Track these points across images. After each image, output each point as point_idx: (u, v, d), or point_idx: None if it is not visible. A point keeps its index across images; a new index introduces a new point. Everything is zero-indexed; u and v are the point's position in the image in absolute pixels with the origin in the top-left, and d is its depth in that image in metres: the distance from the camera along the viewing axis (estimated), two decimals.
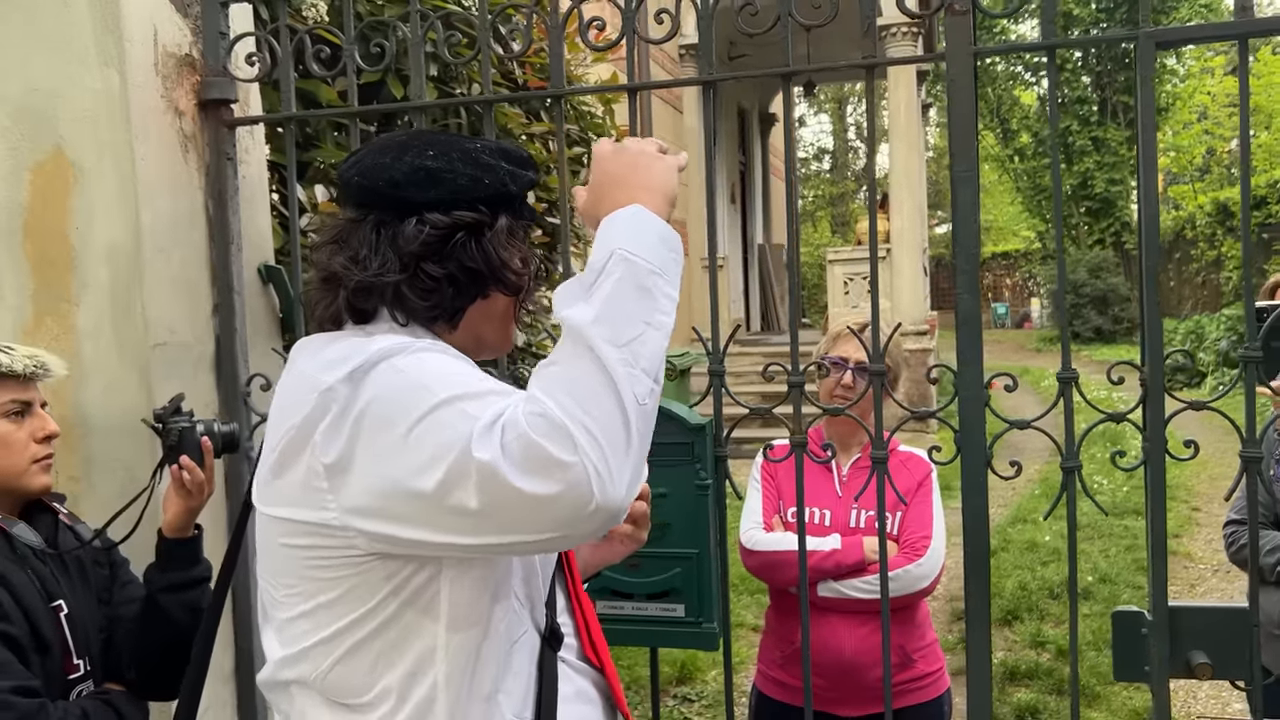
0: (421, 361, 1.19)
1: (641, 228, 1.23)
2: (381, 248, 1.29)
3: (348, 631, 1.22)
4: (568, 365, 1.13)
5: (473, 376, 1.19)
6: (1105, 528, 6.95)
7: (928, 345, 11.32)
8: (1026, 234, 28.01)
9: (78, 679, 1.67)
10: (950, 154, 1.91)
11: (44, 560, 1.68)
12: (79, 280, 2.10)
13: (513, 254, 1.33)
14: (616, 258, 1.19)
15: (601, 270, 1.18)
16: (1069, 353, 1.89)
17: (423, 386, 1.15)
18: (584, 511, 1.08)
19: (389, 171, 1.30)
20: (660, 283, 1.20)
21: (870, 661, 2.40)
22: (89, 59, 2.06)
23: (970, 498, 1.93)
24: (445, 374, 1.18)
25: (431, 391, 1.14)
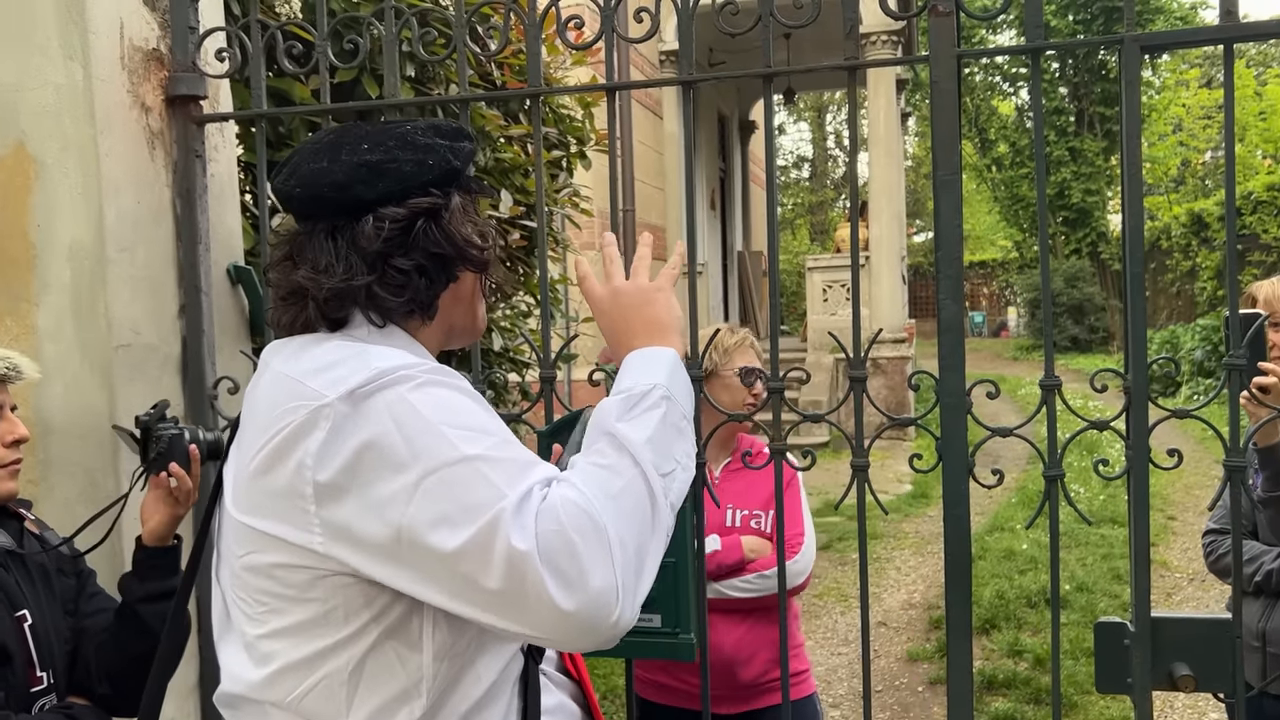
0: (435, 399, 1.14)
1: (676, 372, 1.31)
2: (343, 252, 1.25)
3: (324, 657, 1.17)
4: (615, 473, 1.14)
5: (491, 427, 1.15)
6: (1082, 536, 6.96)
7: (906, 353, 11.34)
8: (1004, 243, 28.20)
9: (40, 692, 1.61)
10: (933, 158, 1.88)
11: (8, 568, 1.62)
12: (40, 279, 2.04)
13: (471, 229, 1.30)
14: (660, 393, 1.24)
15: (644, 397, 1.23)
16: (1052, 360, 1.87)
17: (440, 434, 1.11)
18: (598, 628, 1.07)
19: (329, 175, 1.26)
20: (689, 428, 1.27)
21: (747, 658, 2.51)
22: (52, 52, 2.00)
23: (952, 507, 1.89)
24: (464, 422, 1.13)
25: (451, 443, 1.10)
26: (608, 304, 1.41)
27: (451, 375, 1.19)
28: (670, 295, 1.43)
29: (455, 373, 1.21)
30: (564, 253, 5.62)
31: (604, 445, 1.18)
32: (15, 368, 1.66)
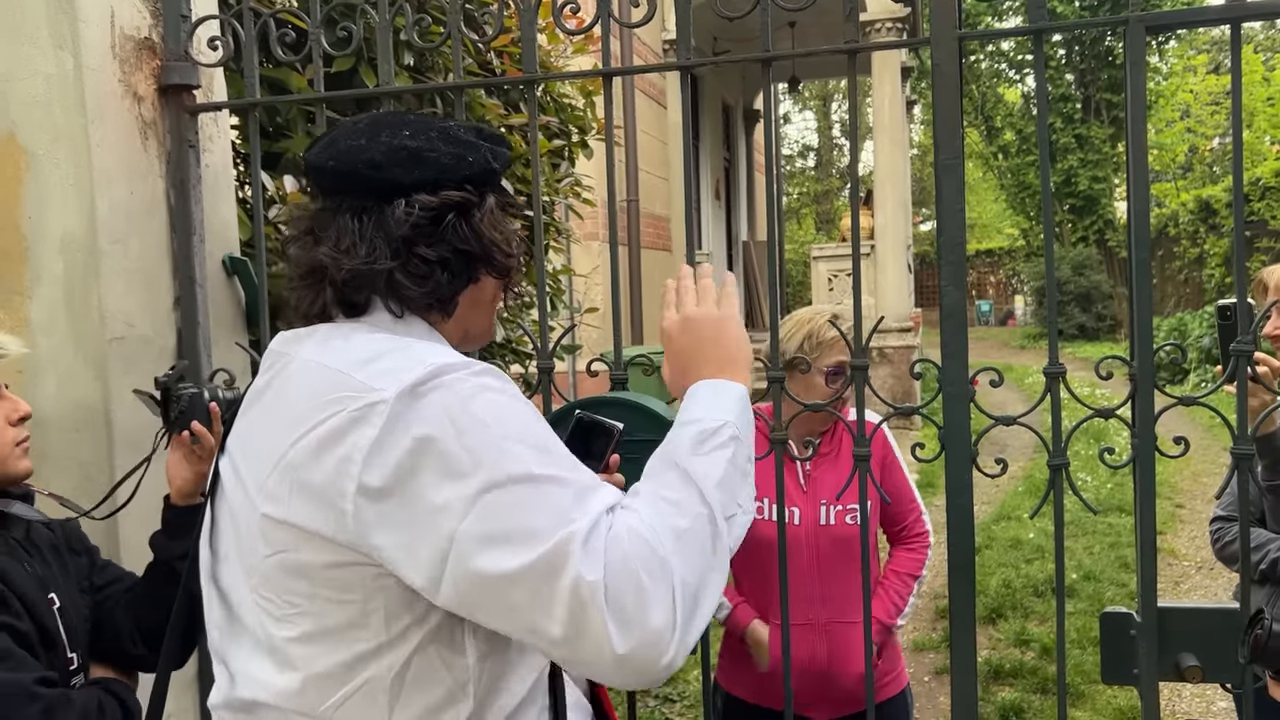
0: (496, 407, 1.10)
1: (745, 410, 1.28)
2: (368, 234, 1.21)
3: (364, 662, 1.12)
4: (682, 510, 1.11)
5: (551, 444, 1.12)
6: (1089, 525, 6.93)
7: (912, 342, 11.29)
8: (1010, 231, 28.08)
9: (72, 672, 1.61)
10: (935, 142, 1.85)
11: (30, 553, 1.61)
12: (32, 272, 2.02)
13: (501, 234, 1.27)
14: (730, 432, 1.21)
15: (715, 434, 1.20)
16: (1056, 347, 1.84)
17: (501, 446, 1.07)
18: (647, 670, 1.04)
19: (367, 153, 1.23)
20: (752, 471, 1.24)
21: (842, 665, 2.40)
22: (42, 41, 1.98)
23: (955, 496, 1.87)
24: (526, 435, 1.10)
25: (515, 457, 1.07)
26: (678, 330, 1.38)
27: (504, 379, 1.15)
28: (741, 327, 1.40)
29: (505, 375, 1.17)
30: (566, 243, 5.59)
31: (674, 478, 1.15)
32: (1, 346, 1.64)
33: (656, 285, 11.25)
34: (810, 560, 2.39)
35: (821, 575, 2.39)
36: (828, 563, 2.39)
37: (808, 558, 2.39)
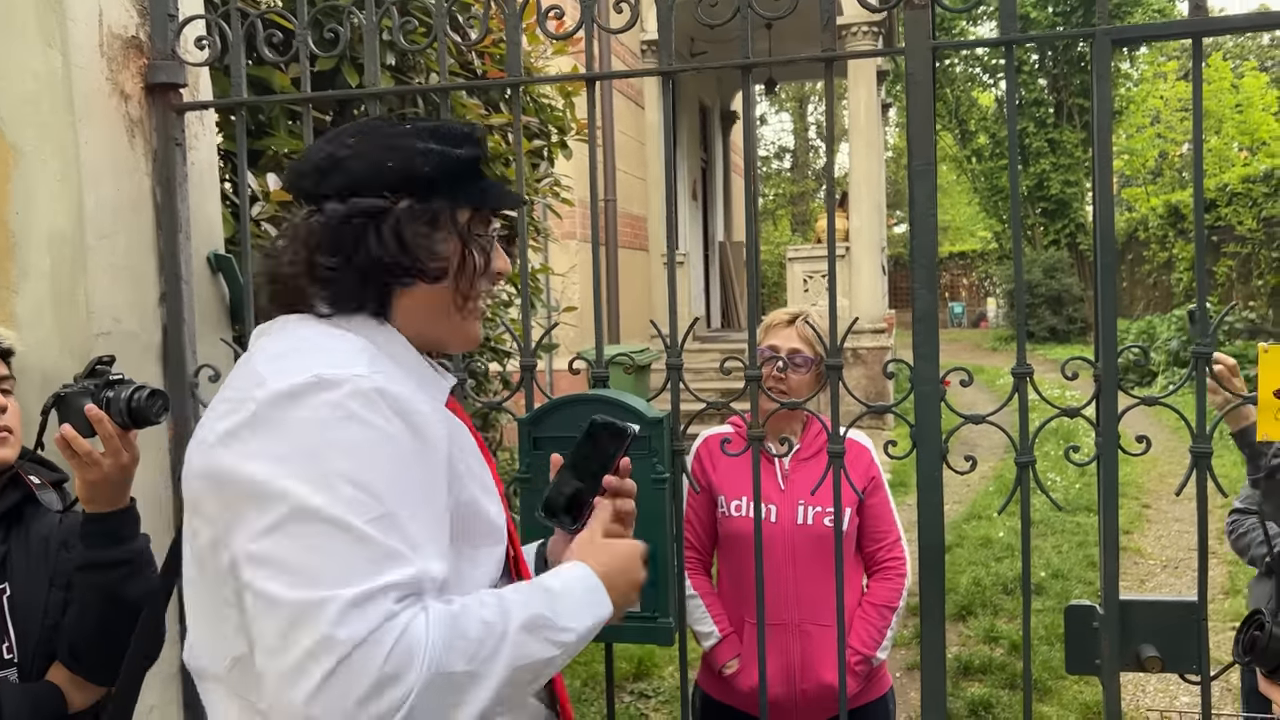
0: (347, 438, 1.09)
1: (588, 636, 1.20)
2: (289, 239, 1.28)
3: (239, 632, 1.15)
4: (472, 660, 1.07)
5: (386, 494, 1.08)
6: (1057, 524, 7.04)
7: (885, 343, 11.39)
8: (983, 234, 28.33)
9: (4, 663, 1.62)
10: (909, 149, 1.90)
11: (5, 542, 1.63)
12: (19, 267, 2.04)
13: (428, 239, 1.25)
14: (567, 638, 1.16)
15: (560, 631, 1.15)
16: (1025, 348, 1.90)
17: (329, 483, 1.06)
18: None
19: (304, 160, 1.30)
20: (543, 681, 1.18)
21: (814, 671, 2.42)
22: (30, 38, 2.00)
23: (926, 492, 1.93)
24: (360, 477, 1.08)
25: (334, 496, 1.06)
26: (618, 547, 1.32)
27: (375, 407, 1.11)
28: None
29: (404, 398, 1.14)
30: (545, 241, 5.62)
31: (493, 627, 1.10)
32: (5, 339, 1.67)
33: (633, 284, 11.29)
34: (786, 559, 2.41)
35: (797, 575, 2.41)
36: (804, 563, 2.41)
37: (783, 557, 2.41)
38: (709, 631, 2.49)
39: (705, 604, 2.51)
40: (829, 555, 2.37)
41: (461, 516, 1.20)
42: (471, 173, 1.28)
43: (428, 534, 1.11)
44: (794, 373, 2.42)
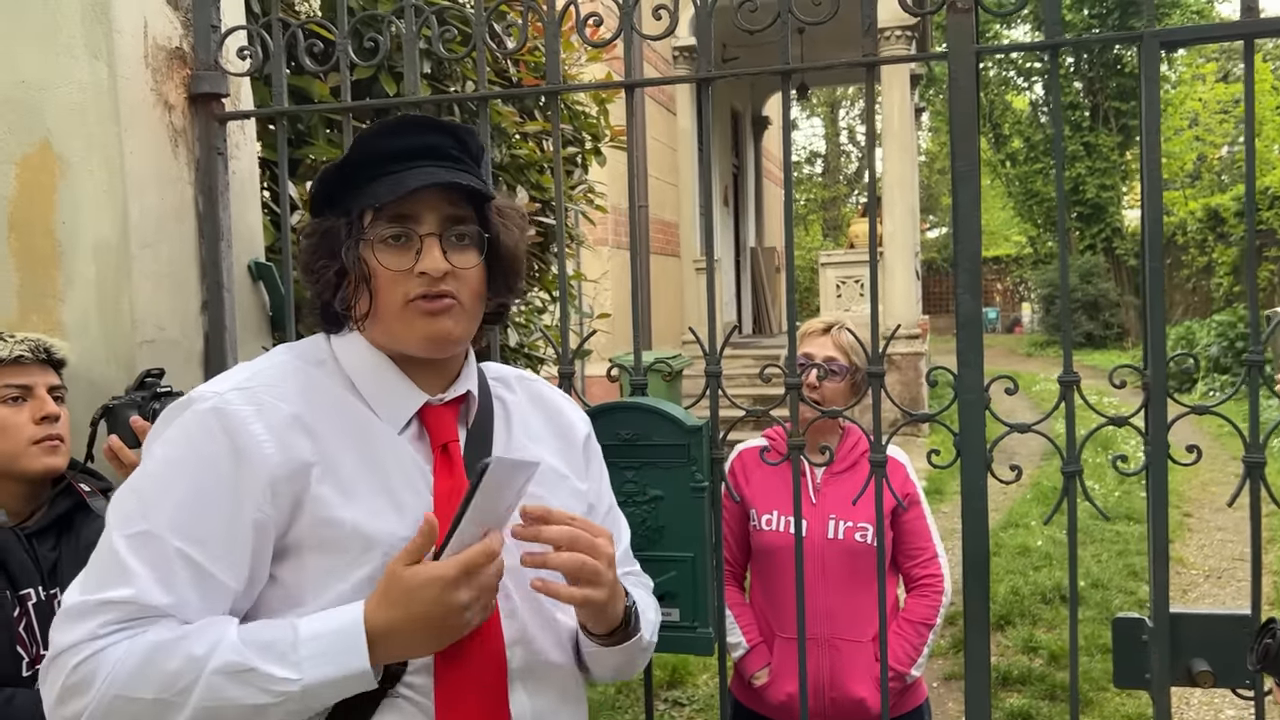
0: (159, 458, 1.21)
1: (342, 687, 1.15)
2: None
3: None
4: (161, 689, 1.11)
5: (153, 514, 1.17)
6: (1097, 533, 6.95)
7: (920, 349, 11.31)
8: (1018, 239, 28.07)
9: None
10: (951, 152, 1.88)
11: (32, 546, 1.66)
12: (65, 275, 2.06)
13: (314, 255, 1.32)
14: (288, 689, 1.12)
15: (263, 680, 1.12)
16: (1071, 356, 1.87)
17: (129, 495, 1.20)
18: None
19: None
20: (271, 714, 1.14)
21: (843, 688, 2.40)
22: (77, 50, 2.02)
23: (970, 501, 1.90)
24: (147, 493, 1.19)
25: (125, 511, 1.19)
26: (409, 580, 1.16)
27: (212, 427, 1.20)
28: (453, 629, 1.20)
29: (239, 419, 1.20)
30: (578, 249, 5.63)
31: (192, 661, 1.11)
32: (39, 349, 1.73)
33: (665, 290, 11.28)
34: (815, 574, 2.39)
35: (826, 590, 2.40)
36: (834, 578, 2.40)
37: (813, 572, 2.38)
38: (737, 642, 2.49)
39: (734, 615, 2.51)
40: (859, 570, 2.36)
41: (314, 533, 1.21)
42: (357, 175, 1.29)
43: (177, 560, 1.15)
44: (829, 381, 2.40)
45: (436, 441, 1.33)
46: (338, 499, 1.22)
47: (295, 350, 1.35)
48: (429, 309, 1.27)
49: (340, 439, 1.26)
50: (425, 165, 1.28)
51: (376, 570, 1.21)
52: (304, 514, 1.21)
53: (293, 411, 1.23)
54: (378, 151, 1.28)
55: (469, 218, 1.31)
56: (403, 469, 1.29)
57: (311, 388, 1.28)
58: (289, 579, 1.22)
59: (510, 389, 1.47)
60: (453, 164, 1.30)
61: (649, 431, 1.96)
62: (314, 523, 1.21)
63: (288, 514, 1.20)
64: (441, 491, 1.29)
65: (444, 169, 1.28)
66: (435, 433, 1.33)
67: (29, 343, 1.72)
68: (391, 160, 1.28)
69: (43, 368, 1.75)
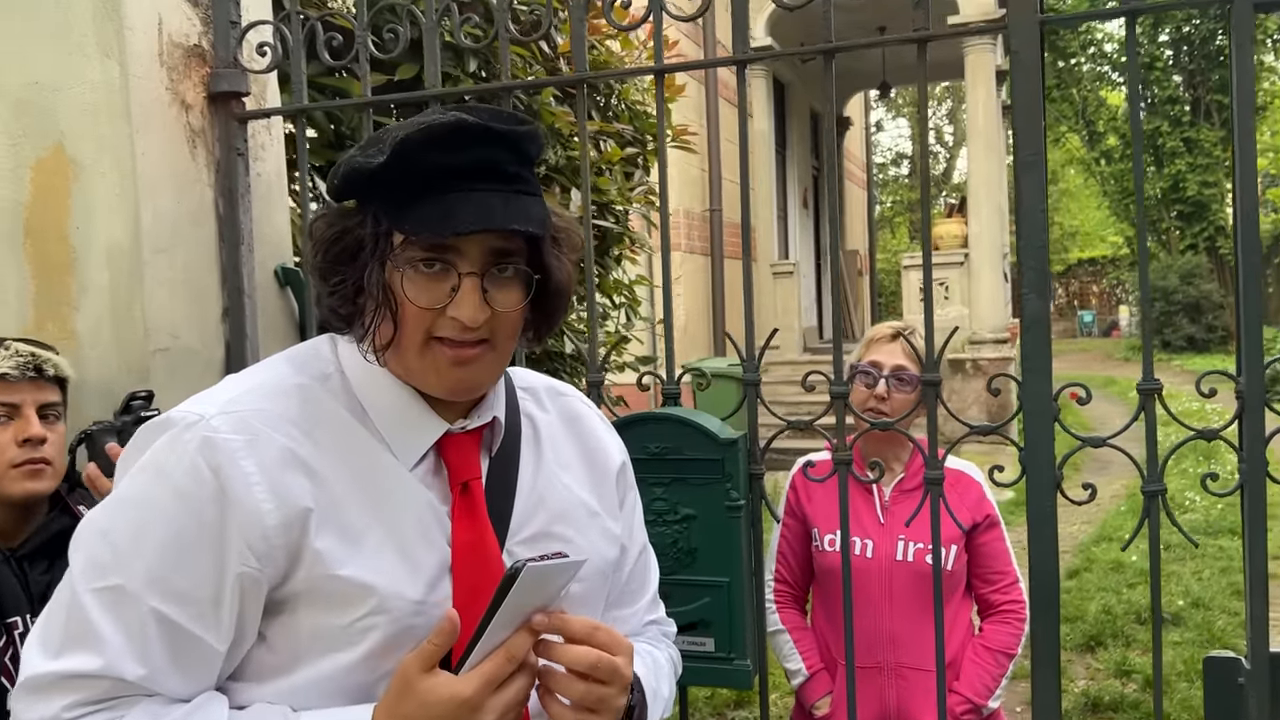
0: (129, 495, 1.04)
1: None
2: None
3: None
4: None
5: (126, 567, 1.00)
6: (1199, 549, 6.54)
7: (1008, 354, 10.90)
8: (1114, 239, 27.10)
9: None
10: (1014, 138, 1.69)
11: (22, 569, 1.58)
12: (79, 283, 2.00)
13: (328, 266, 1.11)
14: None
15: None
16: (1151, 360, 1.66)
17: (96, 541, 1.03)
18: None
19: None
20: None
21: (924, 713, 2.22)
22: (88, 49, 1.96)
23: (1038, 525, 1.70)
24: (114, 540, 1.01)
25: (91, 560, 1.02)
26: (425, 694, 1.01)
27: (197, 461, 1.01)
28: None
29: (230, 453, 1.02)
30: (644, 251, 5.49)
31: None
32: (33, 366, 1.62)
33: (740, 295, 11.10)
34: (882, 598, 2.23)
35: (893, 614, 2.23)
36: (901, 602, 2.23)
37: (879, 594, 2.22)
38: (796, 669, 2.32)
39: (794, 639, 2.34)
40: (930, 594, 2.17)
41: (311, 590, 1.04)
42: (390, 185, 1.05)
43: (154, 623, 1.00)
44: (897, 391, 2.22)
45: (456, 479, 1.13)
46: (340, 551, 1.05)
47: (296, 361, 1.15)
48: (456, 358, 1.08)
49: (344, 478, 1.07)
50: (478, 189, 1.05)
51: (385, 641, 1.05)
52: (300, 567, 1.04)
53: (289, 445, 1.05)
54: (425, 165, 1.05)
55: (518, 251, 1.10)
56: (416, 515, 1.10)
57: (312, 412, 1.09)
58: (280, 641, 1.06)
59: (541, 405, 1.27)
60: (508, 185, 1.07)
61: (680, 445, 1.80)
62: (312, 578, 1.04)
63: (282, 567, 1.03)
64: (461, 543, 1.11)
65: (499, 195, 1.06)
66: (455, 468, 1.14)
67: (19, 358, 1.62)
68: (440, 177, 1.05)
69: (34, 385, 1.65)
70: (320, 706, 1.04)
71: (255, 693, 1.05)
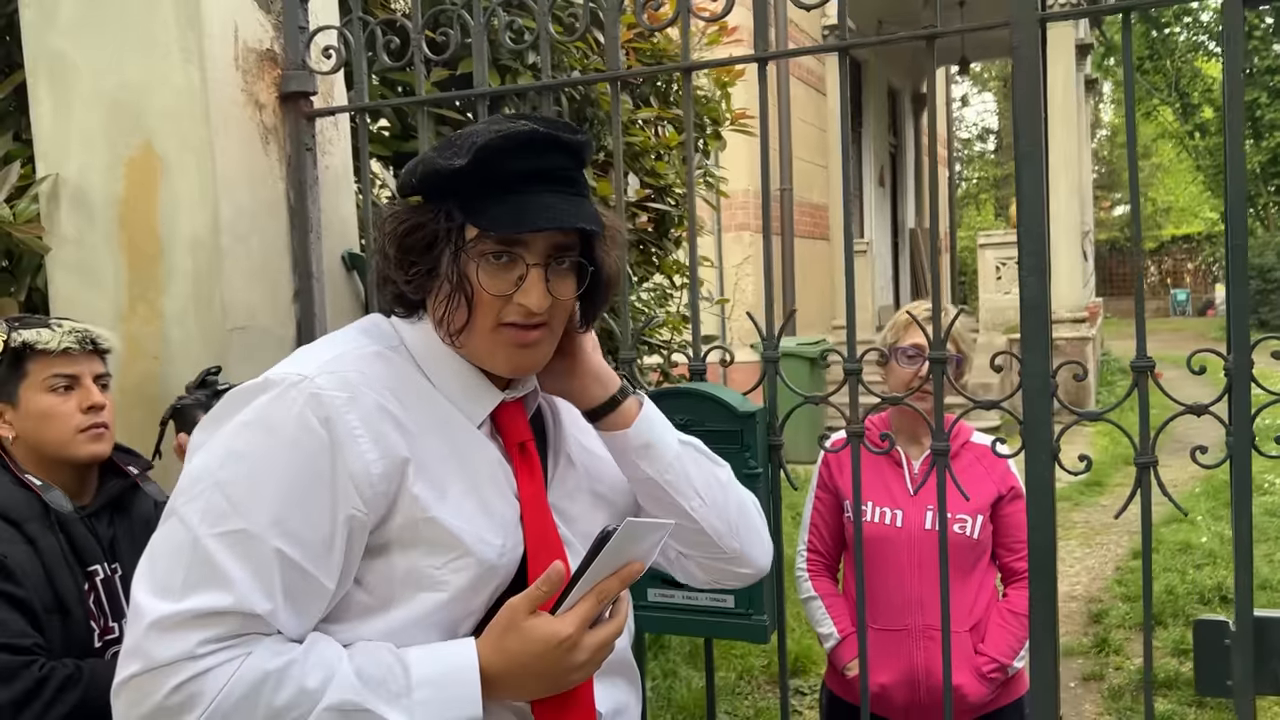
0: (243, 445, 1.12)
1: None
2: None
3: None
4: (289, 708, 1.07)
5: (251, 509, 1.10)
6: (1272, 529, 6.43)
7: (1087, 333, 10.75)
8: (1210, 216, 26.20)
9: (113, 640, 1.77)
10: (1014, 129, 1.78)
11: (92, 525, 1.79)
12: (166, 268, 2.22)
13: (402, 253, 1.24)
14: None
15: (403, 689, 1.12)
16: (1145, 338, 1.75)
17: (209, 486, 1.11)
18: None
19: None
20: None
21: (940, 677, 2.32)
22: (172, 55, 2.17)
23: (1035, 495, 1.81)
24: (234, 487, 1.10)
25: (206, 508, 1.10)
26: (529, 632, 1.16)
27: (307, 415, 1.12)
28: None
29: (337, 407, 1.13)
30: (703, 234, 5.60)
31: (314, 690, 1.08)
32: (86, 340, 1.83)
33: (814, 274, 11.10)
34: (911, 565, 2.37)
35: (922, 580, 2.36)
36: (930, 569, 2.33)
37: (909, 562, 2.36)
38: (829, 633, 2.46)
39: (826, 605, 2.48)
40: (956, 562, 2.30)
41: (406, 534, 1.17)
42: (467, 185, 1.19)
43: (277, 562, 1.10)
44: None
45: (511, 441, 1.29)
46: (431, 498, 1.17)
47: (367, 332, 1.28)
48: (521, 340, 1.23)
49: (429, 433, 1.20)
50: (543, 193, 1.20)
51: (472, 581, 1.19)
52: (397, 513, 1.16)
53: (383, 402, 1.17)
54: (503, 171, 1.19)
55: (575, 245, 1.26)
56: (490, 470, 1.25)
57: (396, 374, 1.22)
58: (375, 582, 1.17)
59: None
60: (569, 189, 1.23)
61: (701, 417, 1.94)
62: (407, 523, 1.16)
63: (382, 512, 1.15)
64: (526, 495, 1.27)
65: (562, 198, 1.21)
66: (510, 431, 1.29)
67: (76, 333, 1.82)
68: (513, 179, 1.19)
69: (89, 357, 1.84)
70: (412, 643, 1.16)
71: (352, 632, 1.16)
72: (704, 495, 1.38)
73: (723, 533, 1.39)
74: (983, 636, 2.39)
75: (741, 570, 1.44)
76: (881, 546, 2.38)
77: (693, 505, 1.37)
